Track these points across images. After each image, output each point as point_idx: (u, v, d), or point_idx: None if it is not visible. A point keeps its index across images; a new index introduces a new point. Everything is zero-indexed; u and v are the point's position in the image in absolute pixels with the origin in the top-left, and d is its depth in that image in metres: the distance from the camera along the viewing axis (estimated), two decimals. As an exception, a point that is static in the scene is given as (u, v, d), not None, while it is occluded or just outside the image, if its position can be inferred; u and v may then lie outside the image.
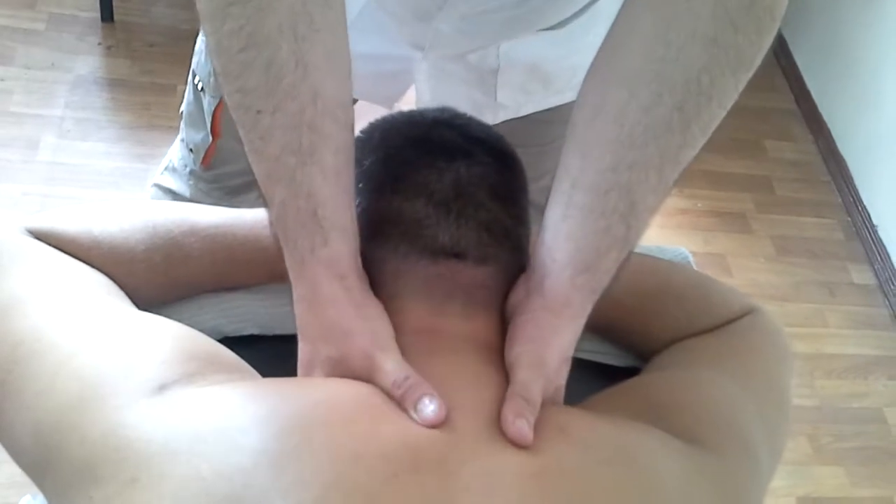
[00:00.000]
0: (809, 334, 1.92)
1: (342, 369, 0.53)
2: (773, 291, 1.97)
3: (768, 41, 0.54)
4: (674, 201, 2.09)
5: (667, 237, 1.99)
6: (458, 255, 0.57)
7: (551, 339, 0.56)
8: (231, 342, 0.59)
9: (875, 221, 2.11)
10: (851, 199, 2.18)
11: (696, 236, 2.04)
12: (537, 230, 0.60)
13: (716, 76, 0.53)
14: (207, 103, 0.96)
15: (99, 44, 2.05)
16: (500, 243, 0.59)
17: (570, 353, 0.58)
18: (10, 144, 1.82)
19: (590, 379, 0.68)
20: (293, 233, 0.54)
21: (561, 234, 0.57)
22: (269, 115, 0.52)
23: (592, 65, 0.58)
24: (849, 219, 2.17)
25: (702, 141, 0.55)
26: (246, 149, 0.54)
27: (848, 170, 2.22)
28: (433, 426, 0.48)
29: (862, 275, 2.06)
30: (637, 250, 0.77)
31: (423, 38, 0.80)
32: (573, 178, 0.56)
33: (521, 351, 0.56)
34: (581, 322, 0.58)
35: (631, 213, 0.55)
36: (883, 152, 2.12)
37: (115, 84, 1.99)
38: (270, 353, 0.65)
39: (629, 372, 0.70)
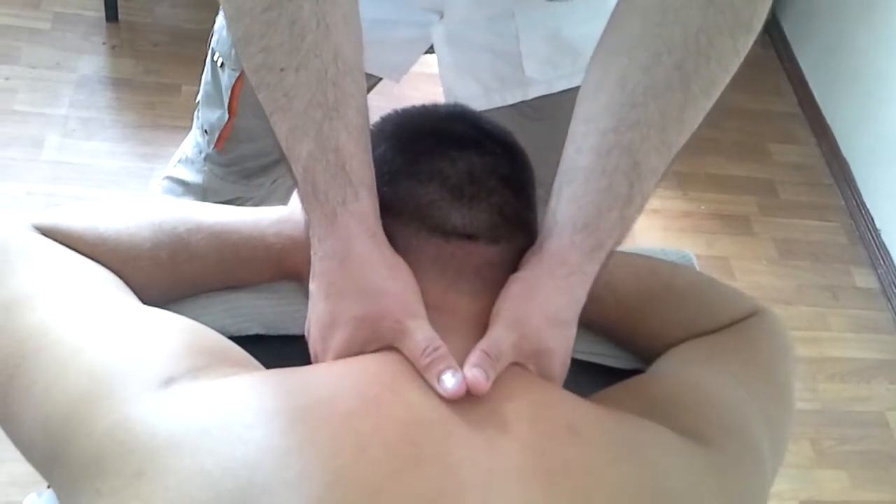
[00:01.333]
0: (812, 338, 1.92)
1: (366, 331, 0.53)
2: (776, 295, 1.97)
3: (764, 5, 0.55)
4: (677, 204, 2.09)
5: (670, 240, 2.00)
6: (470, 237, 0.58)
7: (534, 296, 0.56)
8: (235, 342, 0.59)
9: (878, 225, 2.11)
10: (855, 203, 2.18)
11: (700, 239, 2.04)
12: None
13: (713, 36, 0.54)
14: (227, 77, 0.97)
15: (104, 43, 2.06)
16: (511, 225, 0.60)
17: (566, 314, 0.57)
18: (15, 143, 1.82)
19: (593, 381, 0.68)
20: (323, 185, 0.54)
21: (563, 197, 0.57)
22: (293, 72, 0.53)
23: (597, 43, 0.59)
24: (852, 222, 2.17)
25: (705, 104, 0.57)
26: (268, 111, 0.56)
27: (851, 173, 2.22)
28: (453, 398, 0.50)
29: (865, 278, 2.06)
30: (639, 252, 0.78)
31: (438, 2, 0.81)
32: (577, 144, 0.58)
33: (500, 307, 0.56)
34: (580, 282, 0.57)
35: (633, 172, 0.55)
36: (886, 156, 2.12)
37: (119, 83, 1.99)
38: (275, 353, 0.65)
39: (632, 374, 0.70)
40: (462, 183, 0.58)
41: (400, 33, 0.86)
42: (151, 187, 1.81)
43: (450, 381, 0.50)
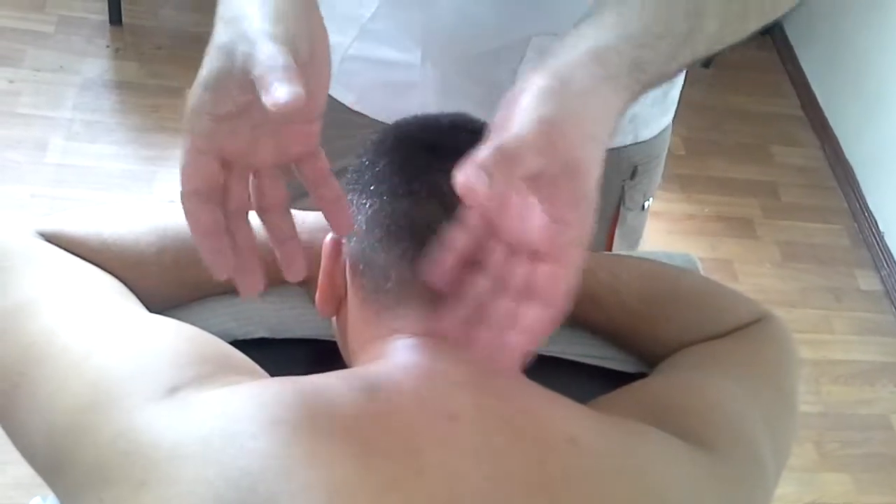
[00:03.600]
0: (815, 340, 1.92)
1: (224, 59, 0.46)
2: (780, 297, 1.97)
3: None
4: (680, 206, 2.09)
5: (673, 242, 2.00)
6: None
7: (566, 91, 0.45)
8: (240, 345, 0.59)
9: (882, 228, 2.11)
10: (858, 206, 2.18)
11: (703, 242, 2.04)
12: None
13: None
14: None
15: (107, 46, 2.06)
16: None
17: (599, 129, 0.46)
18: (19, 146, 1.83)
19: (596, 384, 0.68)
20: None
21: (608, 9, 0.50)
22: None
23: None
24: (855, 225, 2.17)
25: None
26: None
27: (854, 176, 2.22)
28: (279, 111, 0.41)
29: (868, 281, 2.06)
30: (643, 256, 0.77)
31: (421, 24, 0.78)
32: None
33: (530, 102, 0.44)
34: (616, 95, 0.47)
35: (694, 16, 0.51)
36: (890, 158, 2.12)
37: (123, 86, 2.00)
38: (280, 357, 0.65)
39: (637, 378, 0.70)
40: (460, 201, 0.57)
41: (394, 77, 0.83)
42: (155, 190, 1.82)
43: (280, 92, 0.41)
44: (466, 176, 0.41)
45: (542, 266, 0.45)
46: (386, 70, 0.84)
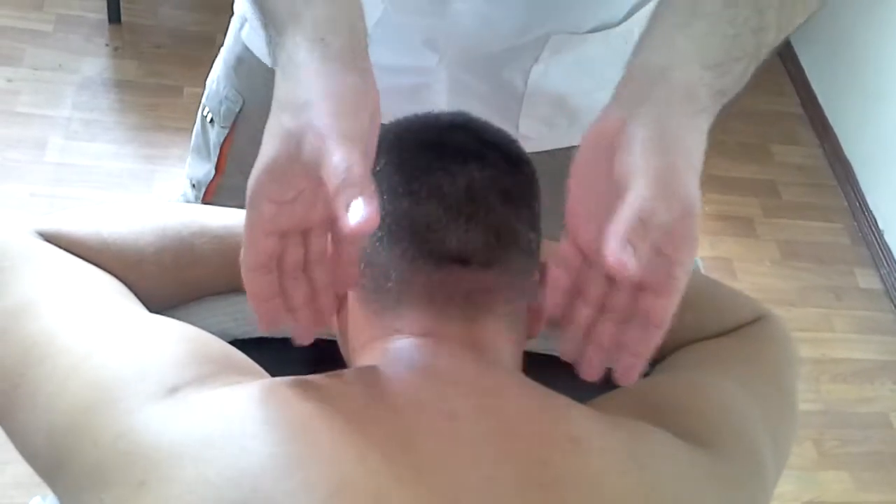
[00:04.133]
0: (815, 339, 1.92)
1: (291, 146, 0.46)
2: (779, 296, 1.97)
3: None
4: (680, 205, 2.09)
5: (673, 241, 1.99)
6: (462, 261, 0.56)
7: (672, 138, 0.47)
8: (240, 345, 0.59)
9: (881, 226, 2.11)
10: (858, 204, 2.18)
11: (703, 240, 2.04)
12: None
13: None
14: (216, 135, 0.95)
15: (106, 45, 2.06)
16: (507, 247, 0.58)
17: (699, 161, 0.49)
18: (18, 145, 1.83)
19: (597, 384, 0.68)
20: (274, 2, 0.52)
21: (679, 36, 0.51)
22: None
23: None
24: (855, 223, 2.17)
25: None
26: None
27: (854, 174, 2.22)
28: (356, 232, 0.42)
29: (868, 279, 2.06)
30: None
31: (439, 29, 0.78)
32: None
33: (630, 158, 0.45)
34: (706, 124, 0.50)
35: (760, 33, 0.53)
36: (889, 157, 2.12)
37: (122, 85, 2.00)
38: (279, 356, 0.65)
39: (637, 377, 0.70)
40: (460, 201, 0.56)
41: (404, 81, 0.83)
42: (154, 188, 1.82)
43: (357, 213, 0.41)
44: (616, 256, 0.41)
45: (646, 294, 0.48)
46: (394, 75, 0.83)
